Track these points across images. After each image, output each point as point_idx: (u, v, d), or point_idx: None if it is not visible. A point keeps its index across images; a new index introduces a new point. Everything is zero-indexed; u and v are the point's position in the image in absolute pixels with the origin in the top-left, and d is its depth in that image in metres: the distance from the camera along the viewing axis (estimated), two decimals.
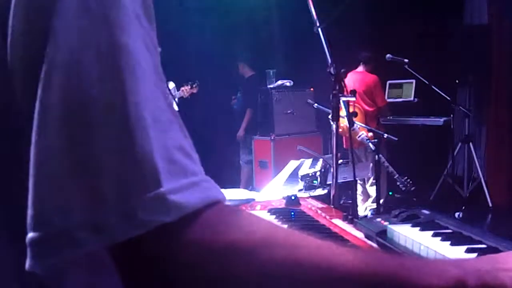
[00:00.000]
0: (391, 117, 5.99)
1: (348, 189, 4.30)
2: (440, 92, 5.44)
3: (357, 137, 4.26)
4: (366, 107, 5.28)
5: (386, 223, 1.20)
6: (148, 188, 0.47)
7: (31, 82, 0.48)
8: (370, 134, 4.29)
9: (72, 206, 0.46)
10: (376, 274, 0.59)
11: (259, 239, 0.54)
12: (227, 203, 0.55)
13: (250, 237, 0.53)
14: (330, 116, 2.27)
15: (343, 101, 2.30)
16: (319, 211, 1.48)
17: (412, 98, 6.23)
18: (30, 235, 0.47)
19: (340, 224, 1.34)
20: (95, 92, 0.47)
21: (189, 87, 4.98)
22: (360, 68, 5.45)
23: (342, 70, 2.20)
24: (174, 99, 4.82)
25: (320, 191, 2.57)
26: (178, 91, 5.14)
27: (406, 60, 5.16)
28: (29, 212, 0.47)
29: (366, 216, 2.41)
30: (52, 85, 0.47)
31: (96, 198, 0.46)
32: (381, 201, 4.79)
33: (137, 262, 0.50)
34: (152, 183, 0.48)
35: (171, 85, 5.22)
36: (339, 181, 2.24)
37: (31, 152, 0.47)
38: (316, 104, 3.94)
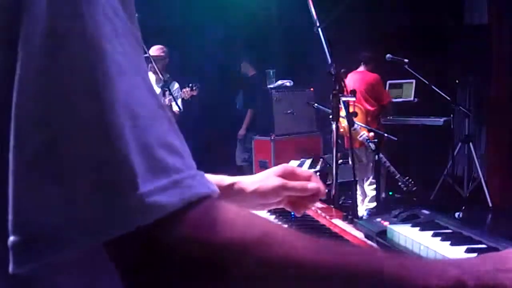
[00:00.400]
0: (391, 117, 6.00)
1: (348, 189, 4.31)
2: (440, 92, 5.44)
3: (358, 137, 4.26)
4: (368, 107, 5.28)
5: (386, 223, 1.20)
6: (124, 191, 0.46)
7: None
8: (371, 134, 4.29)
9: (50, 210, 0.46)
10: (376, 273, 0.59)
11: (255, 237, 0.52)
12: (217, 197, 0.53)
13: (246, 235, 0.52)
14: (331, 116, 2.27)
15: (343, 101, 2.30)
16: (319, 211, 1.48)
17: (412, 98, 6.24)
18: (11, 238, 0.46)
19: (340, 224, 1.34)
20: (65, 96, 0.47)
21: (189, 89, 5.04)
22: (361, 68, 5.46)
23: (342, 70, 2.21)
24: (177, 100, 4.84)
25: None
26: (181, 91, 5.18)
27: (406, 60, 5.16)
28: (9, 216, 0.46)
29: (362, 217, 2.41)
30: (25, 89, 0.46)
31: (73, 201, 0.46)
32: (374, 201, 4.79)
33: (124, 263, 0.49)
34: (128, 186, 0.46)
35: (175, 85, 5.25)
36: (339, 180, 2.24)
37: (9, 156, 0.47)
38: (316, 104, 3.95)
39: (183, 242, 0.48)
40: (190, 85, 5.05)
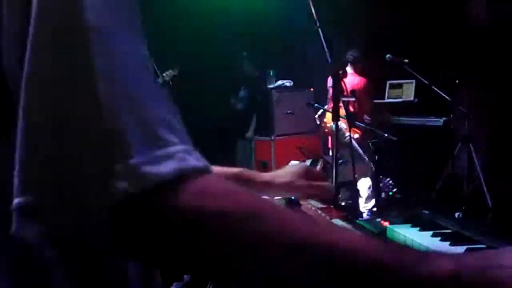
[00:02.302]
0: (394, 117, 5.99)
1: (348, 189, 4.30)
2: (440, 92, 5.43)
3: (343, 138, 4.26)
4: (352, 109, 5.23)
5: (386, 223, 1.20)
6: (118, 160, 0.49)
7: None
8: (356, 135, 4.28)
9: (54, 175, 0.50)
10: (360, 256, 0.59)
11: (249, 209, 0.54)
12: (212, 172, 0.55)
13: (240, 206, 0.53)
14: (317, 116, 2.27)
15: (343, 101, 2.30)
16: (319, 211, 1.48)
17: (412, 98, 6.23)
18: (16, 200, 0.50)
19: (340, 224, 1.34)
20: (69, 76, 0.51)
21: (170, 71, 5.18)
22: (348, 69, 5.40)
23: (342, 71, 2.21)
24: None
25: None
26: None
27: (406, 60, 5.15)
28: (15, 180, 0.50)
29: (362, 215, 2.41)
30: (33, 71, 0.51)
31: (75, 168, 0.50)
32: (373, 201, 4.77)
33: (121, 230, 0.51)
34: (122, 155, 0.50)
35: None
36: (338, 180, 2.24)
37: (19, 127, 0.51)
38: (316, 104, 3.95)
39: (176, 210, 0.51)
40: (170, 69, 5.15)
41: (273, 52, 7.01)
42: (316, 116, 3.93)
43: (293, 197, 1.66)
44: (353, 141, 4.13)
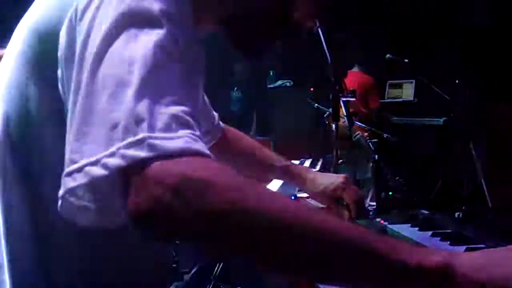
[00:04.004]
0: (394, 117, 5.99)
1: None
2: (440, 92, 5.43)
3: (352, 137, 4.25)
4: (361, 108, 5.26)
5: (386, 223, 1.20)
6: (135, 132, 0.60)
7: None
8: (366, 134, 4.28)
9: (91, 147, 0.62)
10: (350, 237, 0.61)
11: (233, 184, 0.61)
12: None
13: (232, 180, 0.61)
14: (325, 115, 2.27)
15: (343, 101, 2.30)
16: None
17: (412, 98, 6.23)
18: (65, 170, 0.63)
19: None
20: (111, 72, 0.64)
21: None
22: (356, 69, 5.43)
23: (342, 70, 2.20)
24: None
25: None
26: None
27: (406, 60, 5.15)
28: (66, 156, 0.64)
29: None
30: (87, 70, 0.66)
31: (103, 140, 0.61)
32: (372, 201, 4.78)
33: (133, 187, 0.60)
34: (137, 129, 0.60)
35: None
36: None
37: (68, 117, 0.68)
38: (316, 104, 3.95)
39: (172, 175, 0.59)
40: None
41: (273, 52, 6.99)
42: (325, 115, 3.93)
43: (293, 196, 1.67)
44: (362, 140, 4.13)
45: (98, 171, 0.60)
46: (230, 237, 0.60)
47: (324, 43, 2.18)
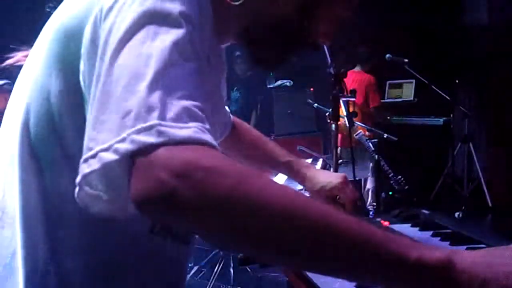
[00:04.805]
0: (393, 117, 5.99)
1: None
2: (440, 92, 5.43)
3: (354, 135, 4.25)
4: (362, 107, 5.26)
5: (386, 223, 1.20)
6: (146, 119, 0.62)
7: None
8: (368, 133, 4.28)
9: (105, 134, 0.64)
10: (353, 228, 0.62)
11: (238, 174, 0.62)
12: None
13: (236, 169, 0.62)
14: (327, 114, 2.27)
15: (343, 101, 2.30)
16: None
17: (412, 98, 6.23)
18: (82, 157, 0.65)
19: None
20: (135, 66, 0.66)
21: None
22: (357, 68, 5.44)
23: (342, 70, 2.20)
24: None
25: None
26: None
27: (406, 60, 5.15)
28: (84, 144, 0.66)
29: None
30: (107, 62, 0.68)
31: (115, 128, 0.63)
32: (372, 201, 4.78)
33: (140, 169, 0.62)
34: (147, 117, 0.62)
35: None
36: None
37: (89, 106, 0.70)
38: (316, 104, 3.94)
39: (178, 160, 0.61)
40: None
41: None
42: (327, 114, 3.92)
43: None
44: (364, 138, 4.13)
45: (109, 156, 0.62)
46: (231, 223, 0.61)
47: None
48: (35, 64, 0.85)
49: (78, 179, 0.65)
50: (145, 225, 0.83)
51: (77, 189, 0.66)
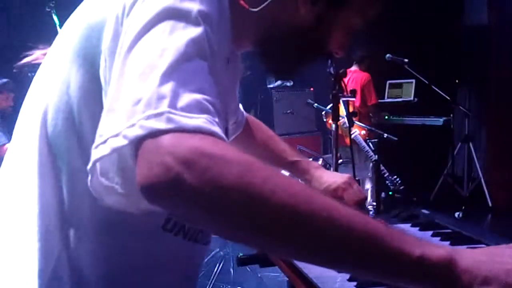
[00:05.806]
0: (394, 117, 5.99)
1: None
2: (440, 92, 5.43)
3: (351, 134, 4.25)
4: (360, 106, 5.26)
5: (386, 223, 1.20)
6: (156, 106, 0.63)
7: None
8: (363, 132, 4.28)
9: (116, 121, 0.65)
10: (357, 221, 0.62)
11: (243, 162, 0.62)
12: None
13: (242, 158, 0.63)
14: (323, 113, 2.27)
15: (343, 101, 2.30)
16: None
17: (412, 98, 6.23)
18: (94, 144, 0.65)
19: None
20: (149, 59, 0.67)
21: None
22: (354, 67, 5.44)
23: (342, 70, 2.20)
24: None
25: None
26: None
27: (406, 60, 5.15)
28: (97, 131, 0.67)
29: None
30: (125, 63, 0.69)
31: (126, 114, 0.64)
32: (372, 201, 4.77)
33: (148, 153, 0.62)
34: (158, 104, 0.63)
35: None
36: None
37: (107, 96, 0.70)
38: (316, 104, 3.95)
39: (185, 147, 0.61)
40: None
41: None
42: (323, 113, 3.92)
43: None
44: (360, 138, 4.13)
45: (118, 141, 0.63)
46: (235, 212, 0.61)
47: None
48: (56, 60, 0.86)
49: (89, 165, 0.66)
50: (158, 222, 0.84)
51: (89, 176, 0.67)
